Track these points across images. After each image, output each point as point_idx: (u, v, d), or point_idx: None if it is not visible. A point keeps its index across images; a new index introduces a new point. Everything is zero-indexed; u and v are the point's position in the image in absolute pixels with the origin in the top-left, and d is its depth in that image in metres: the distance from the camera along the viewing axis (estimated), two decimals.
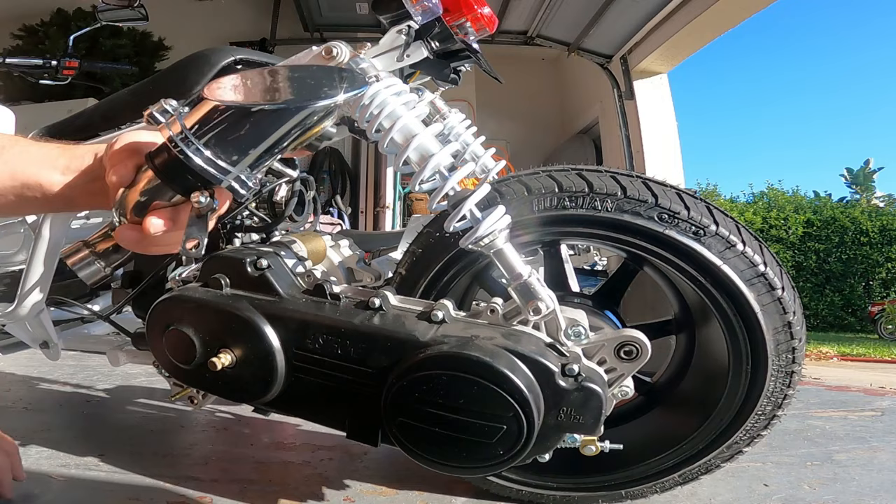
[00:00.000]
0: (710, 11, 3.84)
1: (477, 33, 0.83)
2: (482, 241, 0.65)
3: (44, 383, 1.70)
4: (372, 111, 0.68)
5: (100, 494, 0.89)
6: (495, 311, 0.68)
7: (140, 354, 0.99)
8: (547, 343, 0.65)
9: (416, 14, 0.75)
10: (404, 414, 0.62)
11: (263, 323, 0.67)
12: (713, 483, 0.96)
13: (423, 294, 0.80)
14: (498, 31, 1.26)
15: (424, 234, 0.82)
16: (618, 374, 0.69)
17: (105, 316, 0.98)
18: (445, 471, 0.65)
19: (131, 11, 2.21)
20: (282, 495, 0.89)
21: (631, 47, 4.72)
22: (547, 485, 0.85)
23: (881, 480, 1.04)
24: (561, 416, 0.61)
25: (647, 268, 0.84)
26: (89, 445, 1.09)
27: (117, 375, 1.83)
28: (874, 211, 10.48)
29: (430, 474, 0.94)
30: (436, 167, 0.66)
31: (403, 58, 0.78)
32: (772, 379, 0.75)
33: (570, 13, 4.49)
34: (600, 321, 0.80)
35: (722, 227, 0.72)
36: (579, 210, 0.75)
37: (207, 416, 1.37)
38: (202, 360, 0.68)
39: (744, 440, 0.79)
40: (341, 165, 5.04)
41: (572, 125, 6.23)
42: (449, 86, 0.91)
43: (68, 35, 2.46)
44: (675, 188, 0.76)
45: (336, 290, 0.71)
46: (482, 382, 0.59)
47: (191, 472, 0.98)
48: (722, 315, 0.75)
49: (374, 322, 0.66)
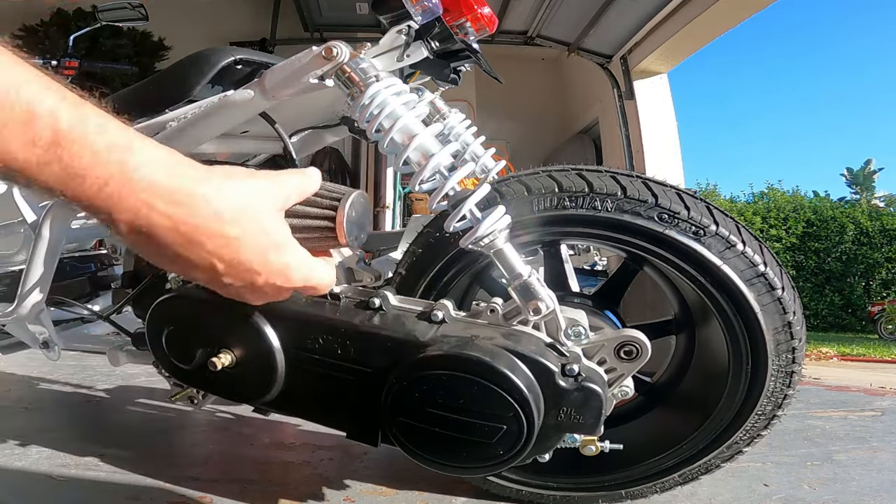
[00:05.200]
0: (710, 11, 3.85)
1: (477, 33, 0.83)
2: (482, 241, 0.65)
3: (44, 383, 1.70)
4: (372, 111, 0.68)
5: (100, 494, 0.89)
6: (495, 311, 0.68)
7: (140, 354, 0.99)
8: (547, 343, 0.65)
9: (416, 14, 0.75)
10: (404, 414, 0.62)
11: (263, 323, 0.67)
12: (713, 483, 0.96)
13: (423, 294, 0.80)
14: (498, 31, 1.25)
15: (424, 234, 0.82)
16: (618, 374, 0.69)
17: (105, 316, 0.98)
18: (445, 471, 0.65)
19: (131, 11, 2.21)
20: (282, 495, 0.89)
21: (631, 47, 4.72)
22: (547, 485, 0.85)
23: (881, 480, 1.04)
24: (561, 416, 0.61)
25: (647, 268, 0.84)
26: (89, 445, 1.09)
27: (117, 375, 1.83)
28: (874, 211, 10.48)
29: (430, 474, 0.94)
30: (436, 167, 0.66)
31: (403, 58, 0.78)
32: (772, 379, 0.75)
33: (570, 13, 4.50)
34: (600, 321, 0.80)
35: (722, 227, 0.72)
36: (579, 210, 0.75)
37: (207, 416, 1.37)
38: (202, 360, 0.68)
39: (744, 440, 0.79)
40: (341, 165, 5.05)
41: (572, 125, 6.24)
42: (449, 86, 0.91)
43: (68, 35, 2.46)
44: (675, 188, 0.75)
45: (336, 290, 0.71)
46: (482, 382, 0.59)
47: (191, 472, 0.98)
48: (722, 315, 0.75)
49: (374, 322, 0.66)
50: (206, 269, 0.44)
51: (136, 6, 2.22)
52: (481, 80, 5.31)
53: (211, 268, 0.44)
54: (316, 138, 1.07)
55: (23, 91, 0.34)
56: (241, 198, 0.44)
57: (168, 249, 0.42)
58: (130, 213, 0.39)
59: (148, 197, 0.39)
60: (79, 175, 0.37)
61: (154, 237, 0.41)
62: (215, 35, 4.79)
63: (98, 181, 0.38)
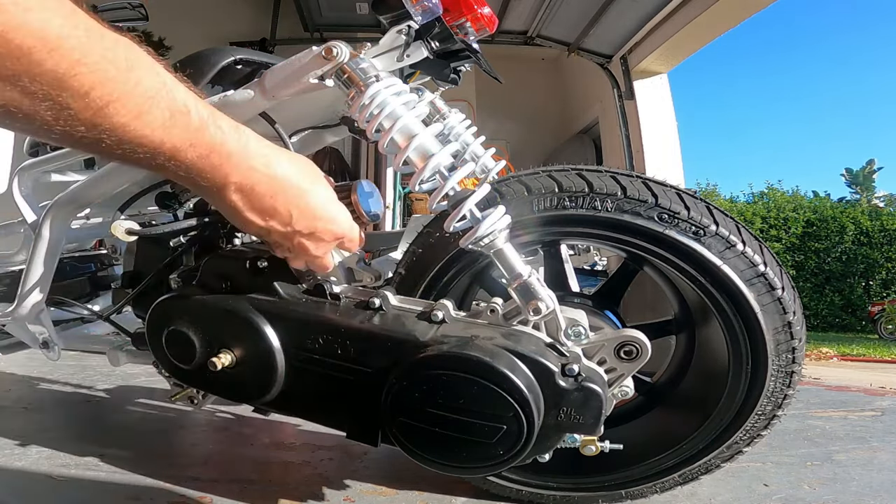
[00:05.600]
0: (710, 11, 3.84)
1: (477, 33, 0.83)
2: (482, 241, 0.65)
3: (44, 383, 1.70)
4: (372, 111, 0.68)
5: (100, 494, 0.89)
6: (495, 311, 0.68)
7: (140, 354, 0.99)
8: (547, 343, 0.65)
9: (416, 14, 0.75)
10: (404, 414, 0.62)
11: (263, 323, 0.67)
12: (713, 483, 0.96)
13: (423, 294, 0.80)
14: (498, 31, 1.26)
15: (424, 234, 0.82)
16: (618, 374, 0.69)
17: (105, 316, 0.98)
18: (445, 471, 0.65)
19: (131, 11, 2.21)
20: (282, 495, 0.89)
21: (631, 47, 4.72)
22: (547, 485, 0.85)
23: (881, 480, 1.04)
24: (561, 416, 0.61)
25: (647, 268, 0.84)
26: (89, 445, 1.09)
27: (117, 375, 1.83)
28: (874, 211, 10.48)
29: (430, 474, 0.94)
30: (436, 167, 0.66)
31: (403, 58, 0.78)
32: (772, 379, 0.75)
33: (570, 13, 4.49)
34: (600, 321, 0.80)
35: (722, 227, 0.72)
36: (579, 210, 0.75)
37: (207, 416, 1.37)
38: (202, 360, 0.68)
39: (744, 440, 0.79)
40: (341, 165, 5.04)
41: (572, 125, 6.23)
42: (449, 86, 0.91)
43: None
44: (675, 188, 0.75)
45: (336, 290, 0.71)
46: (482, 382, 0.59)
47: (191, 472, 0.98)
48: (722, 315, 0.75)
49: (374, 322, 0.66)
50: (284, 217, 0.58)
51: (136, 6, 2.21)
52: (481, 80, 5.31)
53: (288, 214, 0.58)
54: (316, 138, 1.07)
55: (178, 91, 0.47)
56: (301, 161, 0.61)
57: (263, 201, 0.57)
58: (241, 175, 0.54)
59: (254, 162, 0.55)
60: (214, 151, 0.51)
61: (255, 192, 0.56)
62: (215, 35, 4.79)
63: (223, 154, 0.52)
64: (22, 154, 1.11)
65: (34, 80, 0.36)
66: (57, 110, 0.39)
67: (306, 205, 0.59)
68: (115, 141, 0.44)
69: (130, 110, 0.43)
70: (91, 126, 0.41)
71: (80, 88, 0.39)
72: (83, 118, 0.40)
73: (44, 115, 0.39)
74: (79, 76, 0.38)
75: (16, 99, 0.37)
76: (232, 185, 0.55)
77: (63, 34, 0.37)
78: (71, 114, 0.40)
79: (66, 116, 0.40)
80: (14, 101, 0.37)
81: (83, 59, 0.38)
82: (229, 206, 0.57)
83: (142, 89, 0.43)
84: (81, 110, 0.40)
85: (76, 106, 0.39)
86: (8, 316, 0.98)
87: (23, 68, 0.35)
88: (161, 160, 0.48)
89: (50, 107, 0.38)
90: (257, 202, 0.57)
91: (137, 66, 0.43)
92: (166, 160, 0.48)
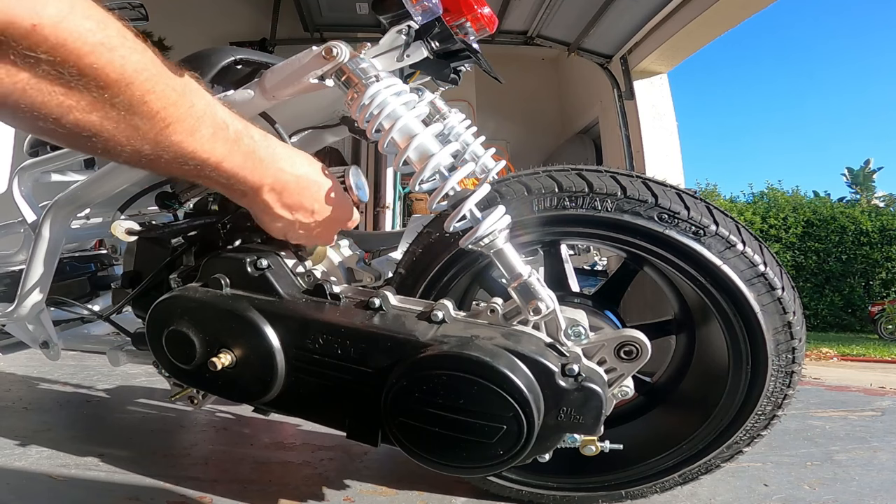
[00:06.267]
0: (710, 11, 3.84)
1: (477, 33, 0.83)
2: (482, 241, 0.65)
3: (44, 383, 1.70)
4: (372, 111, 0.68)
5: (100, 494, 0.89)
6: (495, 311, 0.68)
7: (140, 354, 0.99)
8: (547, 343, 0.65)
9: (416, 14, 0.75)
10: (404, 414, 0.62)
11: (263, 323, 0.67)
12: (713, 483, 0.96)
13: (423, 294, 0.80)
14: (498, 31, 1.26)
15: (424, 234, 0.82)
16: (618, 374, 0.69)
17: (105, 316, 0.98)
18: (445, 471, 0.65)
19: (131, 11, 2.21)
20: (282, 495, 0.89)
21: (631, 47, 4.72)
22: (547, 485, 0.85)
23: (881, 480, 1.04)
24: (561, 416, 0.61)
25: (647, 268, 0.84)
26: (89, 445, 1.09)
27: (117, 375, 1.83)
28: (874, 211, 10.48)
29: (430, 474, 0.94)
30: (436, 167, 0.66)
31: (403, 58, 0.78)
32: (772, 379, 0.75)
33: (570, 13, 4.50)
34: (600, 321, 0.80)
35: (722, 227, 0.72)
36: (579, 210, 0.75)
37: (207, 416, 1.37)
38: (202, 360, 0.68)
39: (744, 440, 0.79)
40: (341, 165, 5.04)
41: (572, 125, 6.23)
42: (449, 86, 0.91)
43: None
44: (675, 188, 0.75)
45: (336, 290, 0.71)
46: (482, 382, 0.59)
47: (191, 472, 0.98)
48: (722, 315, 0.75)
49: (374, 322, 0.66)
50: (308, 209, 0.68)
51: (136, 6, 2.21)
52: (481, 80, 5.31)
53: (311, 207, 0.68)
54: (316, 138, 1.07)
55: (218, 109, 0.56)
56: (309, 157, 0.69)
57: (291, 197, 0.66)
58: (273, 178, 0.63)
59: (282, 164, 0.64)
60: (249, 158, 0.60)
61: (285, 190, 0.65)
62: (215, 35, 4.79)
63: (256, 160, 0.61)
64: (22, 154, 1.11)
65: (115, 106, 0.45)
66: (130, 132, 0.48)
67: (325, 196, 0.68)
68: (172, 156, 0.52)
69: (186, 129, 0.51)
70: (154, 144, 0.50)
71: (148, 112, 0.48)
72: (149, 137, 0.49)
73: (119, 137, 0.48)
74: (149, 102, 0.47)
75: (96, 123, 0.46)
76: (266, 187, 0.63)
77: (139, 68, 0.45)
78: (139, 134, 0.49)
79: (136, 136, 0.49)
80: (95, 124, 0.46)
81: (153, 88, 0.47)
82: (262, 205, 0.65)
83: (194, 110, 0.52)
84: (148, 131, 0.49)
85: (145, 127, 0.48)
86: (8, 316, 0.98)
87: (107, 98, 0.44)
88: (208, 171, 0.57)
89: (125, 129, 0.47)
90: (287, 199, 0.65)
91: (189, 91, 0.52)
92: (211, 170, 0.57)
